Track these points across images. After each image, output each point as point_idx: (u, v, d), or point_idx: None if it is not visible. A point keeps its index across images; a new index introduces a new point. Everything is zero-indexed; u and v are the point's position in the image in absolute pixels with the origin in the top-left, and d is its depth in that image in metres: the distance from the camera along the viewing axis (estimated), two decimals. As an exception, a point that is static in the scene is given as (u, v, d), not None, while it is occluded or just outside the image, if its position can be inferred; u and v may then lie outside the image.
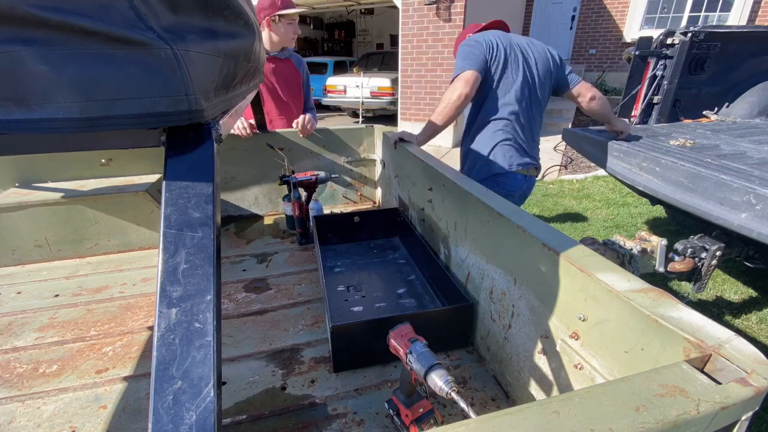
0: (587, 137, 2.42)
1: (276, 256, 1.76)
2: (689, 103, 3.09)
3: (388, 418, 0.94)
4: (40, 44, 0.43)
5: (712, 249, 1.76)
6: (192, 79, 0.52)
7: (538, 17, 9.37)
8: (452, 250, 1.32)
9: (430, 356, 0.77)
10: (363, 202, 2.36)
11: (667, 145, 2.10)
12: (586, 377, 0.74)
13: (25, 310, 1.40)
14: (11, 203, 1.61)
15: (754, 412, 0.47)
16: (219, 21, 0.66)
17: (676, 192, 1.79)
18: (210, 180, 0.54)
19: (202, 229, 0.49)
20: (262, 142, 1.98)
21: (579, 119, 7.59)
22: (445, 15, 6.14)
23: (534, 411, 0.45)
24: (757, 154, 1.96)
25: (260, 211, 2.21)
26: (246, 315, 1.36)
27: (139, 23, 0.47)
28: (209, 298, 0.46)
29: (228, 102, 0.74)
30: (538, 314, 0.87)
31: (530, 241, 0.86)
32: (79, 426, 0.95)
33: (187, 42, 0.52)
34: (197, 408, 0.39)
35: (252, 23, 0.83)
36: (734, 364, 0.50)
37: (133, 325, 1.32)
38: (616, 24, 8.71)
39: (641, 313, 0.60)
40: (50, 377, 1.10)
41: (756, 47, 3.07)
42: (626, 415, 0.43)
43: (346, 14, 15.60)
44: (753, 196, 1.47)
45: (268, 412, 0.98)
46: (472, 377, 1.08)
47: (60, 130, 0.47)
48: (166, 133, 0.58)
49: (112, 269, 1.68)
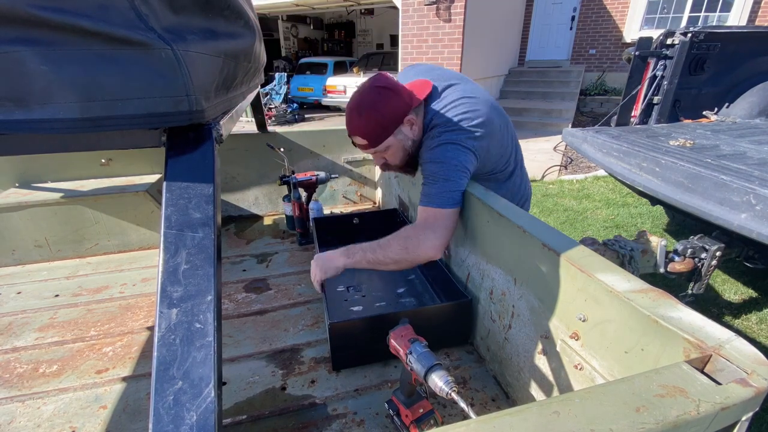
0: (587, 137, 2.42)
1: (276, 256, 1.76)
2: (689, 103, 3.09)
3: (388, 418, 0.94)
4: (40, 45, 0.43)
5: (712, 249, 1.76)
6: (192, 80, 0.52)
7: (538, 17, 9.37)
8: (452, 250, 1.32)
9: (430, 356, 0.77)
10: (363, 203, 2.36)
11: (667, 146, 2.10)
12: (587, 378, 0.74)
13: (25, 310, 1.40)
14: (11, 203, 1.61)
15: (754, 413, 0.47)
16: (219, 21, 0.66)
17: (676, 192, 1.79)
18: (210, 180, 0.54)
19: (202, 229, 0.50)
20: (262, 142, 1.98)
21: (579, 119, 7.59)
22: (445, 15, 6.14)
23: (534, 411, 0.45)
24: (757, 154, 1.96)
25: (260, 211, 2.21)
26: (246, 315, 1.36)
27: (140, 24, 0.47)
28: (210, 298, 0.46)
29: (228, 102, 0.74)
30: (538, 314, 0.87)
31: (530, 242, 0.86)
32: (79, 426, 0.95)
33: (188, 42, 0.52)
34: (198, 408, 0.39)
35: (252, 24, 0.83)
36: (734, 365, 0.50)
37: (133, 325, 1.32)
38: (616, 24, 8.71)
39: (641, 313, 0.60)
40: (50, 377, 1.10)
41: (756, 47, 3.07)
42: (626, 416, 0.43)
43: (346, 14, 15.60)
44: (753, 196, 1.47)
45: (268, 412, 0.98)
46: (472, 377, 1.08)
47: (60, 131, 0.47)
48: (166, 134, 0.58)
49: (112, 269, 1.68)
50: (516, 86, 8.74)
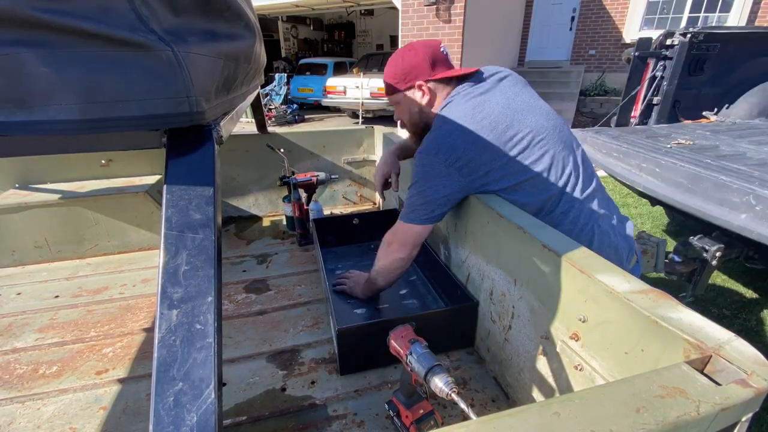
0: (587, 138, 2.42)
1: (276, 257, 1.76)
2: (689, 103, 3.09)
3: (389, 419, 0.94)
4: (41, 46, 0.43)
5: (711, 250, 1.76)
6: (193, 81, 0.52)
7: (537, 18, 9.38)
8: (452, 251, 1.32)
9: (430, 357, 0.77)
10: (363, 203, 2.36)
11: (666, 146, 2.10)
12: (587, 378, 0.74)
13: (25, 311, 1.40)
14: (11, 204, 1.61)
15: (754, 414, 0.47)
16: (220, 23, 0.66)
17: (675, 193, 1.79)
18: (211, 182, 0.54)
19: (203, 230, 0.50)
20: (262, 143, 1.98)
21: (579, 120, 7.60)
22: (444, 16, 6.14)
23: (534, 412, 0.45)
24: (757, 154, 1.96)
25: (260, 212, 2.21)
26: (246, 316, 1.36)
27: (140, 25, 0.47)
28: (210, 299, 0.46)
29: (229, 103, 0.74)
30: (539, 315, 0.87)
31: (530, 242, 0.86)
32: (79, 427, 0.95)
33: (188, 44, 0.52)
34: (198, 410, 0.39)
35: (252, 25, 0.83)
36: (734, 365, 0.50)
37: (133, 326, 1.32)
38: (616, 25, 8.72)
39: (641, 314, 0.60)
40: (50, 378, 1.10)
41: (756, 48, 3.07)
42: (626, 417, 0.43)
43: (346, 15, 15.61)
44: (753, 196, 1.47)
45: (268, 413, 0.98)
46: (473, 378, 1.08)
47: (61, 132, 0.47)
48: (166, 135, 0.58)
49: (112, 270, 1.68)
50: (516, 87, 8.73)
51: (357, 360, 1.10)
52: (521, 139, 1.02)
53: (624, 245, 1.09)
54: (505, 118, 1.02)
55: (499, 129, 1.01)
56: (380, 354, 1.04)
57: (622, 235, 1.10)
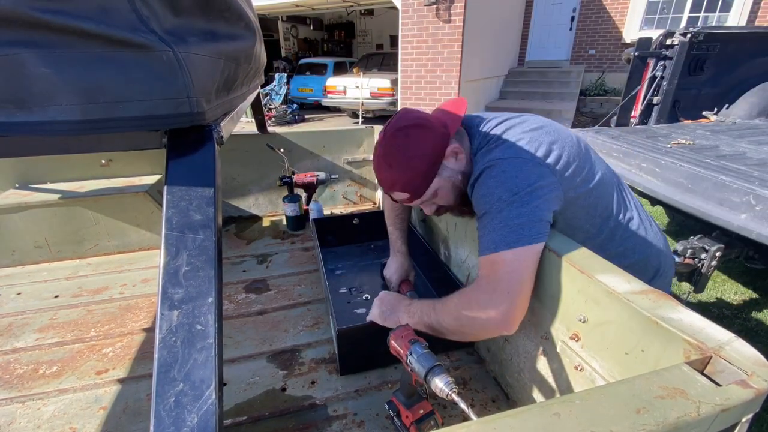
0: (587, 138, 2.42)
1: (276, 256, 1.76)
2: (689, 103, 3.09)
3: (389, 419, 0.94)
4: (42, 47, 0.43)
5: (711, 250, 1.76)
6: (193, 82, 0.52)
7: (538, 18, 9.38)
8: (452, 251, 1.32)
9: (430, 357, 0.77)
10: (363, 203, 2.36)
11: (666, 146, 2.10)
12: (587, 379, 0.74)
13: (25, 311, 1.40)
14: (11, 204, 1.61)
15: (754, 414, 0.47)
16: (220, 23, 0.66)
17: (675, 193, 1.79)
18: (211, 182, 0.54)
19: (203, 231, 0.50)
20: (262, 143, 1.98)
21: (578, 120, 7.60)
22: (445, 16, 6.14)
23: (535, 413, 0.45)
24: (757, 154, 1.96)
25: (260, 212, 2.21)
26: (246, 316, 1.36)
27: (141, 26, 0.47)
28: (211, 300, 0.46)
29: (229, 104, 0.74)
30: (539, 315, 0.87)
31: (530, 243, 0.86)
32: (79, 427, 0.95)
33: (189, 44, 0.52)
34: (199, 410, 0.39)
35: (252, 25, 0.83)
36: (734, 366, 0.50)
37: (133, 326, 1.32)
38: (616, 25, 8.71)
39: (641, 314, 0.60)
40: (50, 378, 1.10)
41: (755, 48, 3.08)
42: (627, 417, 0.43)
43: (346, 15, 15.60)
44: (753, 196, 1.47)
45: (268, 413, 0.98)
46: (473, 378, 1.08)
47: (61, 133, 0.47)
48: (167, 136, 0.58)
49: (112, 270, 1.68)
50: (516, 87, 8.74)
51: (357, 360, 1.10)
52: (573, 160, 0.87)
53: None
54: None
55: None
56: (380, 354, 1.04)
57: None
